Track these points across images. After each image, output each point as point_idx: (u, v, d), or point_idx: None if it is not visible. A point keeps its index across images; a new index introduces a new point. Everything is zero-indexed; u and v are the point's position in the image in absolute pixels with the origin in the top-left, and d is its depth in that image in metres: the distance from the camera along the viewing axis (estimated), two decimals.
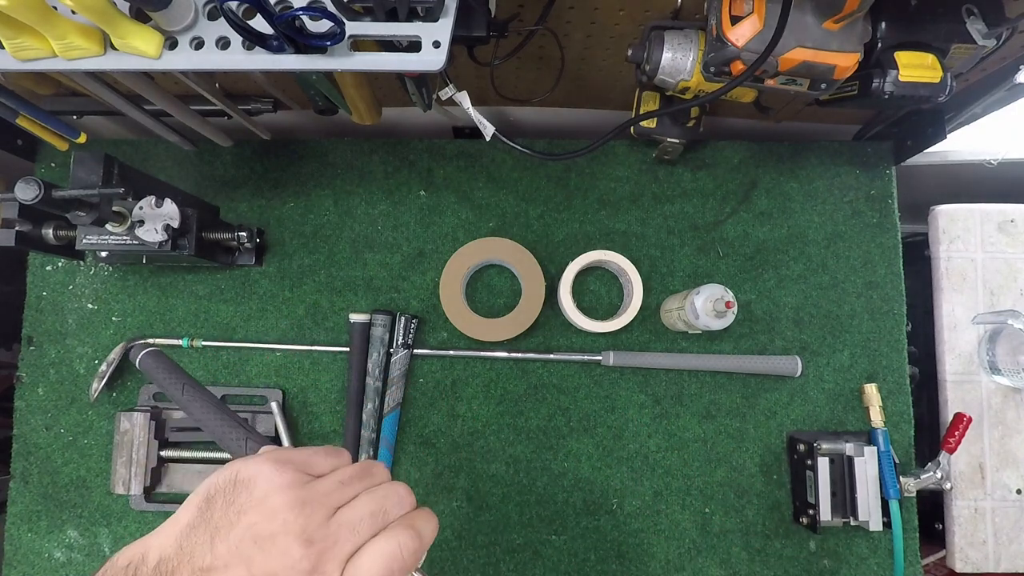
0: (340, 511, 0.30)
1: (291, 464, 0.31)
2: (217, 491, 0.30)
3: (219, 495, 0.29)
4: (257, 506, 0.29)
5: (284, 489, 0.29)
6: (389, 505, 0.31)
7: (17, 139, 0.76)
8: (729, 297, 0.64)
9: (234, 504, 0.29)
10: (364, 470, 0.33)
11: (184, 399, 0.44)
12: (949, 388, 0.77)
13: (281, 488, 0.29)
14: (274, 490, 0.29)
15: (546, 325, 0.76)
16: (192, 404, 0.43)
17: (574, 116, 0.83)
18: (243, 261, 0.75)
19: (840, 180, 0.79)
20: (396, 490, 0.32)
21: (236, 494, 0.29)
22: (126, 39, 0.43)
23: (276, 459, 0.31)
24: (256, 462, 0.31)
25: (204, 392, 0.44)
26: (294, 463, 0.31)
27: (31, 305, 0.76)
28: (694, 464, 0.73)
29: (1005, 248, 0.79)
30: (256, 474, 0.30)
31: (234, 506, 0.29)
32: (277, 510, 0.29)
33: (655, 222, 0.78)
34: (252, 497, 0.29)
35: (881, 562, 0.72)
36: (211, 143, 0.74)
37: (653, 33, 0.58)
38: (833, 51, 0.49)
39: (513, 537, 0.72)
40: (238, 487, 0.30)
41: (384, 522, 0.31)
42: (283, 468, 0.30)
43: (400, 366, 0.73)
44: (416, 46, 0.44)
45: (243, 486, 0.30)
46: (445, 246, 0.77)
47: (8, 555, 0.72)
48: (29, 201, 0.49)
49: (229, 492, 0.29)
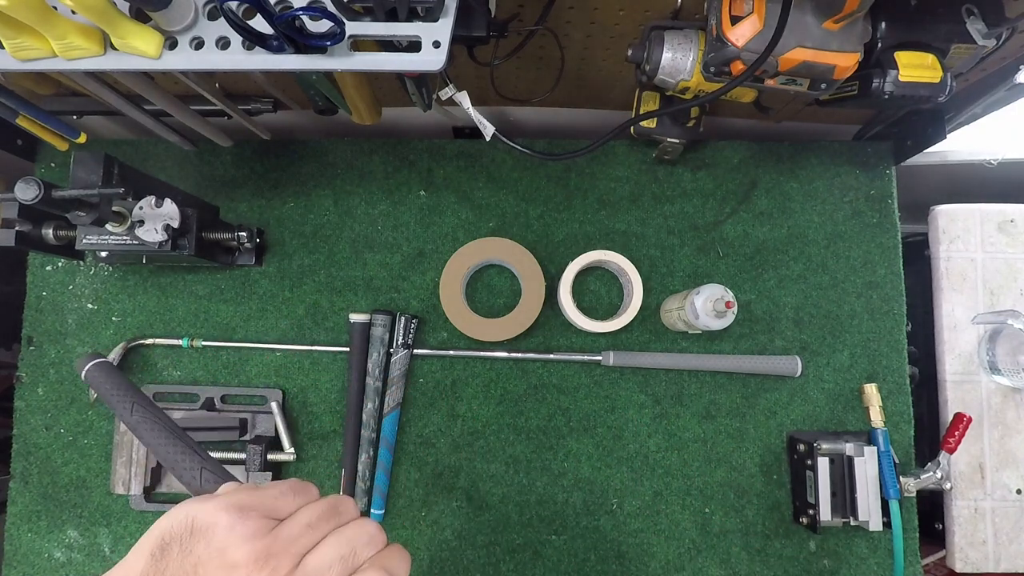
0: (307, 558, 0.28)
1: (254, 511, 0.29)
2: (172, 538, 0.27)
3: (174, 543, 0.27)
4: (216, 558, 0.27)
5: (246, 540, 0.27)
6: (359, 546, 0.30)
7: (17, 139, 0.76)
8: (729, 297, 0.64)
9: (191, 555, 0.27)
10: (331, 508, 0.31)
11: (133, 419, 0.40)
12: (949, 388, 0.77)
13: (243, 539, 0.27)
14: (235, 541, 0.27)
15: (546, 325, 0.76)
16: (141, 426, 0.39)
17: (574, 116, 0.83)
18: (243, 261, 0.75)
19: (840, 180, 0.79)
20: (366, 529, 0.31)
21: (193, 543, 0.27)
22: (126, 39, 0.43)
23: (237, 504, 0.29)
24: (215, 507, 0.28)
25: (157, 412, 0.40)
26: (257, 509, 0.29)
27: (31, 305, 0.76)
28: (694, 464, 0.73)
29: (1005, 248, 0.79)
30: (215, 522, 0.28)
31: (191, 557, 0.27)
32: (238, 564, 0.27)
33: (655, 222, 0.78)
34: (211, 548, 0.27)
35: (881, 562, 0.72)
36: (211, 143, 0.74)
37: (653, 33, 0.58)
38: (833, 51, 0.49)
39: (513, 537, 0.72)
40: (195, 535, 0.27)
41: (354, 565, 0.29)
42: (245, 516, 0.28)
43: (400, 366, 0.73)
44: (416, 46, 0.44)
45: (200, 535, 0.27)
46: (445, 246, 0.77)
47: (8, 555, 0.72)
48: (29, 201, 0.49)
49: (186, 540, 0.27)
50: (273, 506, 0.30)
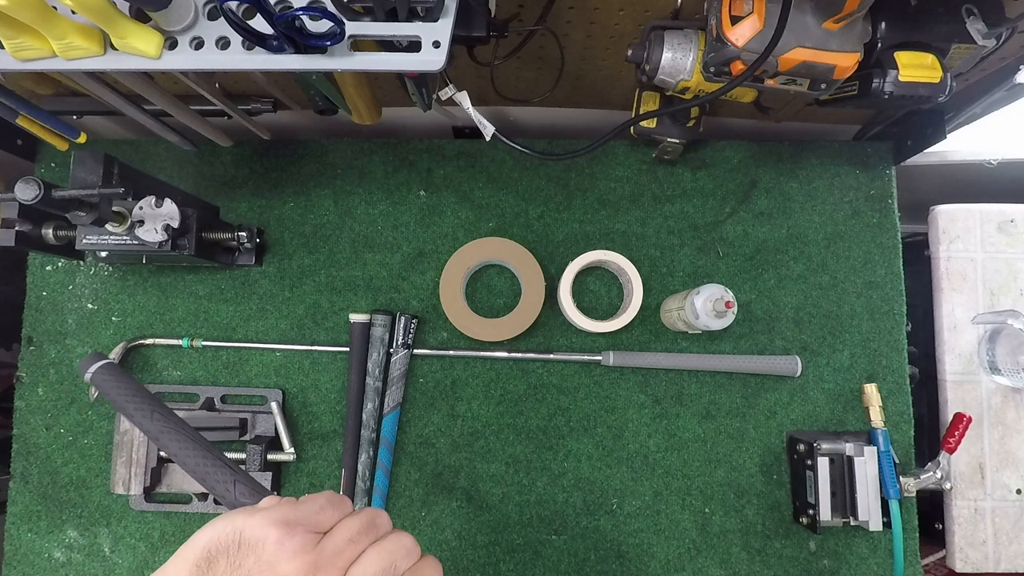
0: (351, 570, 0.29)
1: (300, 526, 0.29)
2: (219, 551, 0.28)
3: (222, 556, 0.28)
4: (266, 572, 0.27)
5: (296, 555, 0.28)
6: (398, 559, 0.31)
7: (17, 139, 0.76)
8: (729, 297, 0.64)
9: (240, 568, 0.27)
10: (370, 522, 0.32)
11: (155, 428, 0.38)
12: (949, 388, 0.77)
13: (293, 554, 0.28)
14: (285, 556, 0.28)
15: (546, 325, 0.76)
16: (166, 435, 0.38)
17: (574, 116, 0.83)
18: (243, 261, 0.75)
19: (840, 180, 0.79)
20: (403, 542, 0.32)
21: (242, 557, 0.28)
22: (126, 39, 0.43)
23: (284, 520, 0.29)
24: (262, 522, 0.29)
25: (177, 420, 0.39)
26: (302, 523, 0.30)
27: (31, 305, 0.76)
28: (694, 464, 0.73)
29: (1005, 248, 0.79)
30: (264, 537, 0.28)
31: (240, 571, 0.27)
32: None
33: (655, 222, 0.78)
34: (260, 562, 0.28)
35: (881, 562, 0.72)
36: (211, 143, 0.74)
37: (653, 33, 0.58)
38: (833, 51, 0.49)
39: (513, 537, 0.72)
40: (243, 550, 0.28)
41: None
42: (293, 531, 0.29)
43: (400, 366, 0.73)
44: (416, 46, 0.44)
45: (250, 549, 0.28)
46: (445, 246, 0.77)
47: (8, 555, 0.72)
48: (29, 201, 0.49)
49: (234, 554, 0.28)
50: (317, 520, 0.31)
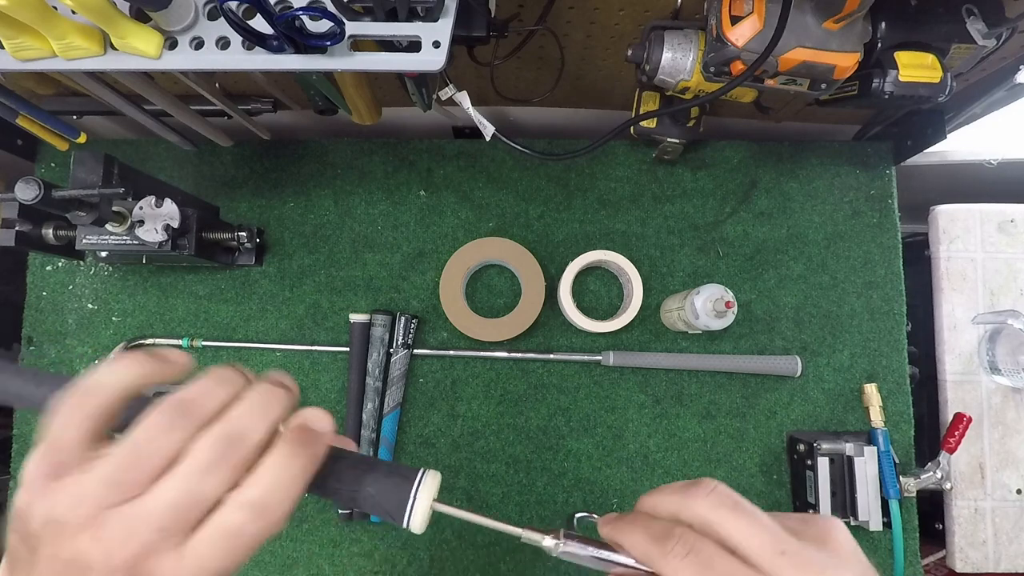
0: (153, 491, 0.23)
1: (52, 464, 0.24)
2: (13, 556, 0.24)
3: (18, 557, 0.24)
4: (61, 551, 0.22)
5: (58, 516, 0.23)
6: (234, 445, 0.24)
7: (17, 139, 0.75)
8: (729, 297, 0.64)
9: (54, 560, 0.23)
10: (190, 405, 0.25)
11: None
12: (949, 388, 0.77)
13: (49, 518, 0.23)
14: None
15: (546, 325, 0.76)
16: None
17: (574, 116, 0.83)
18: (243, 261, 0.75)
19: (840, 180, 0.79)
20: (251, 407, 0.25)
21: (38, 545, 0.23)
22: (126, 39, 0.43)
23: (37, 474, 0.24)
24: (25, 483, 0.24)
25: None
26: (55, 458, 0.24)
27: (31, 305, 0.76)
28: (694, 464, 0.73)
29: (1005, 248, 0.79)
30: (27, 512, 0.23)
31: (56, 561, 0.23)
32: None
33: (655, 222, 0.78)
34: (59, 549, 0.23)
35: (881, 562, 0.72)
36: (211, 143, 0.74)
37: (653, 33, 0.58)
38: (833, 51, 0.49)
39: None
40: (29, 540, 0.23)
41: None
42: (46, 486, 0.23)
43: (400, 366, 0.73)
44: (416, 46, 0.44)
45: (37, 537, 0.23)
46: (445, 246, 0.77)
47: None
48: (29, 201, 0.49)
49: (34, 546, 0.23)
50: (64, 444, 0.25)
